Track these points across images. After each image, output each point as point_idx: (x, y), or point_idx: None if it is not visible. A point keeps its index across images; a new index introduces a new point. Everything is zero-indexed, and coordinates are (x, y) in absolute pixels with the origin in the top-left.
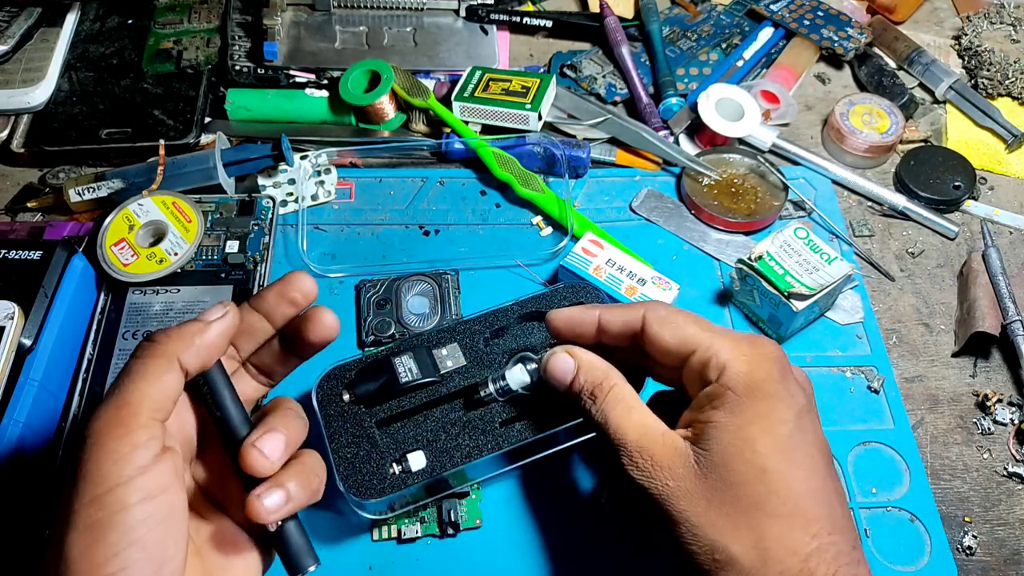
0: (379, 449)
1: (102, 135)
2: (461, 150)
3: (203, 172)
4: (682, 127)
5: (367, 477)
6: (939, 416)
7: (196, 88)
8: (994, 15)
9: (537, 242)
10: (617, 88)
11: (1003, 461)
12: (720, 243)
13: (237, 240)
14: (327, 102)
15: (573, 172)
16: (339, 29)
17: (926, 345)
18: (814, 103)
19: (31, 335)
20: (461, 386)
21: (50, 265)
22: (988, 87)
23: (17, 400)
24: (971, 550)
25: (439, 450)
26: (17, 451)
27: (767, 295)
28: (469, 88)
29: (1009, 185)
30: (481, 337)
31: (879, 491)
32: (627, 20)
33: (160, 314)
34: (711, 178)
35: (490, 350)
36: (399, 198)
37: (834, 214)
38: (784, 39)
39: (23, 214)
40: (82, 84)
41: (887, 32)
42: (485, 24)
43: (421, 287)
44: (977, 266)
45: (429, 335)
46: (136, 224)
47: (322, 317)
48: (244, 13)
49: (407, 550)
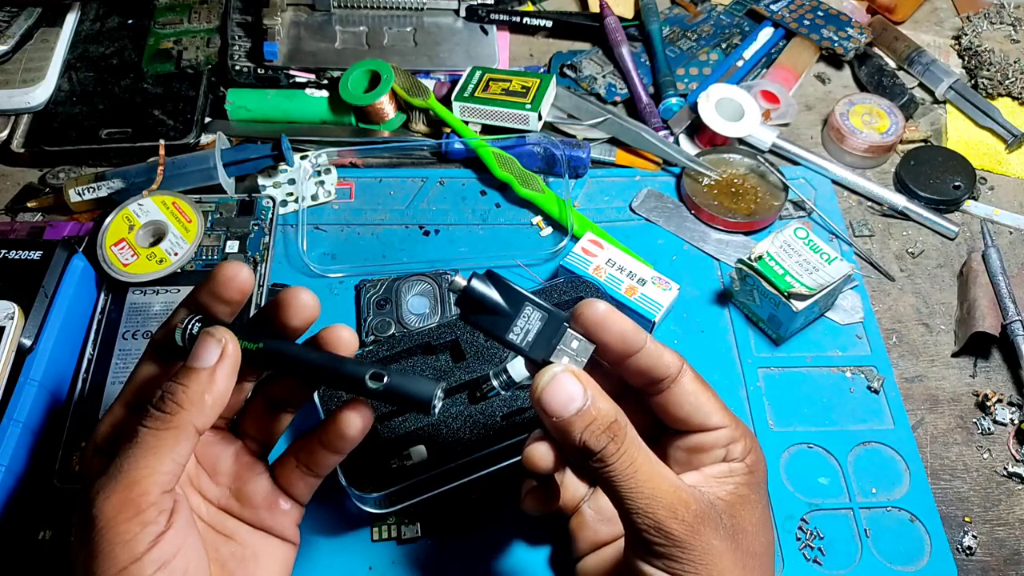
0: (380, 443)
1: (102, 135)
2: (461, 150)
3: (203, 172)
4: (682, 127)
5: (369, 471)
6: (939, 416)
7: (196, 88)
8: (994, 15)
9: (537, 242)
10: (617, 88)
11: (1003, 461)
12: (720, 243)
13: (237, 240)
14: (327, 102)
15: (573, 172)
16: (339, 29)
17: (926, 345)
18: (814, 103)
19: (31, 335)
20: (463, 380)
21: (50, 265)
22: (988, 87)
23: (17, 400)
24: (971, 550)
25: (440, 444)
26: (17, 451)
27: (767, 295)
28: (469, 88)
29: (1009, 185)
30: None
31: (879, 491)
32: (627, 20)
33: (160, 314)
34: (711, 178)
35: (491, 345)
36: (399, 198)
37: (834, 214)
38: (784, 39)
39: (23, 214)
40: (82, 84)
41: (887, 32)
42: (485, 24)
43: (421, 287)
44: (977, 266)
45: (429, 333)
46: (136, 224)
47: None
48: (244, 13)
49: (407, 550)
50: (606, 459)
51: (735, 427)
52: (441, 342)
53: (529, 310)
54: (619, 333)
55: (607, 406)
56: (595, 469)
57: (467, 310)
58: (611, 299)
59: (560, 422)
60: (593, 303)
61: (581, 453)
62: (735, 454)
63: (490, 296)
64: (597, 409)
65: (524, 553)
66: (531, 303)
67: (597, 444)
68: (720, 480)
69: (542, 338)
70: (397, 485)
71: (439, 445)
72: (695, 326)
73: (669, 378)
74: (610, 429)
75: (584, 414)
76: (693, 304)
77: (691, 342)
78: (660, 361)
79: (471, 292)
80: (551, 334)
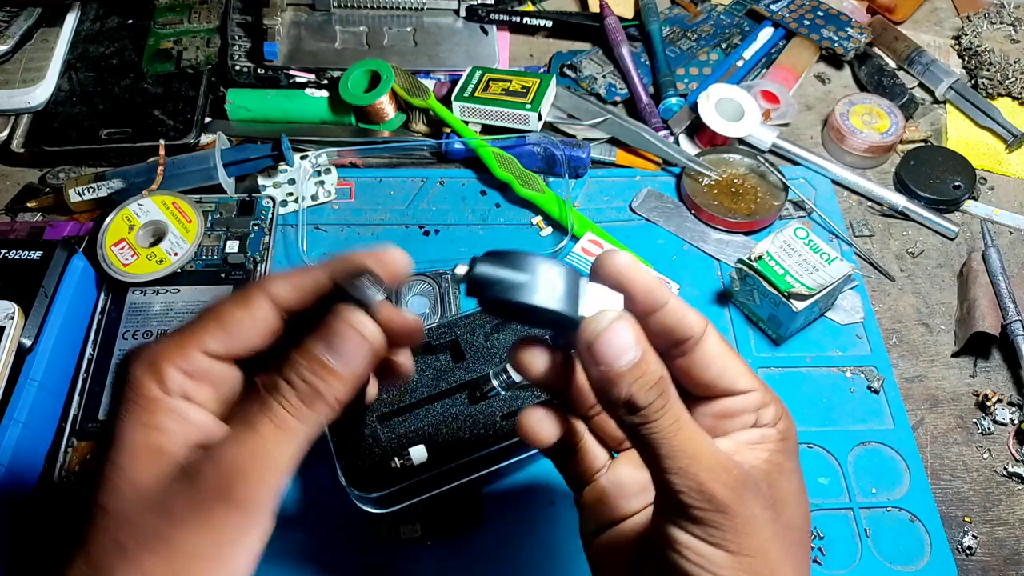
0: (381, 443)
1: (102, 135)
2: (461, 150)
3: (203, 172)
4: (682, 127)
5: (369, 471)
6: (939, 416)
7: (196, 88)
8: (994, 15)
9: (537, 242)
10: (617, 88)
11: (1003, 461)
12: (720, 243)
13: (237, 240)
14: (327, 102)
15: (573, 172)
16: (339, 29)
17: (926, 345)
18: (814, 103)
19: (31, 335)
20: (463, 380)
21: (50, 265)
22: (988, 87)
23: (17, 400)
24: (971, 550)
25: (440, 444)
26: (17, 451)
27: (767, 295)
28: (469, 88)
29: (1009, 185)
30: (481, 332)
31: (879, 491)
32: (627, 20)
33: (160, 314)
34: (711, 178)
35: (490, 344)
36: (399, 198)
37: (834, 214)
38: (784, 39)
39: (23, 214)
40: (82, 84)
41: (887, 32)
42: (485, 24)
43: (421, 287)
44: (977, 266)
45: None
46: (136, 224)
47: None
48: (244, 13)
49: (407, 550)
50: (651, 415)
51: (764, 391)
52: (441, 342)
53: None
54: (643, 285)
55: (656, 360)
56: (635, 425)
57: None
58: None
59: (609, 371)
60: (615, 253)
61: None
62: (766, 419)
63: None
64: (648, 362)
65: (524, 553)
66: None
67: (646, 399)
68: (753, 447)
69: (571, 295)
70: (397, 485)
71: (439, 445)
72: None
73: (693, 339)
74: (659, 384)
75: (637, 366)
76: (693, 304)
77: None
78: (684, 320)
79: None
80: (575, 291)
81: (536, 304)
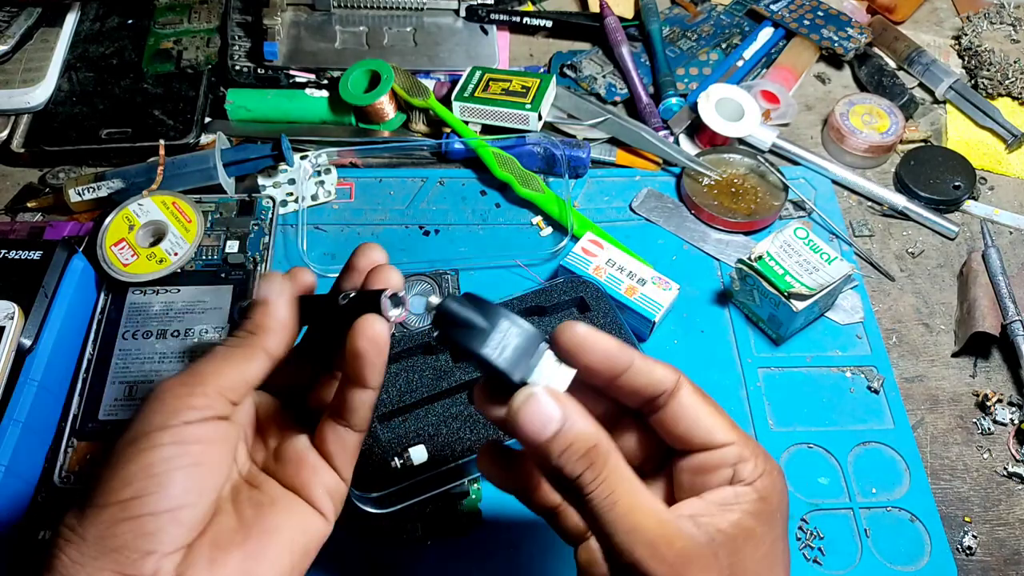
0: (381, 443)
1: (102, 135)
2: (461, 150)
3: (203, 172)
4: (682, 127)
5: (369, 471)
6: (939, 416)
7: (196, 88)
8: (994, 15)
9: (537, 242)
10: (617, 88)
11: (1003, 461)
12: (720, 243)
13: (237, 240)
14: (327, 102)
15: (573, 172)
16: (339, 29)
17: (926, 345)
18: (814, 103)
19: (31, 335)
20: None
21: (50, 265)
22: (988, 87)
23: (17, 400)
24: (971, 550)
25: (441, 444)
26: (17, 451)
27: (767, 295)
28: (469, 88)
29: (1009, 185)
30: None
31: (879, 491)
32: (627, 20)
33: (160, 314)
34: (711, 178)
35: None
36: (399, 198)
37: (834, 214)
38: (784, 39)
39: (23, 214)
40: (82, 84)
41: (887, 32)
42: (485, 24)
43: (421, 287)
44: (977, 266)
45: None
46: (136, 224)
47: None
48: (244, 13)
49: (407, 550)
50: (583, 487)
51: (744, 444)
52: None
53: (506, 324)
54: (602, 354)
55: (587, 429)
56: (574, 497)
57: (441, 328)
58: (611, 299)
59: (536, 445)
60: (571, 325)
61: (554, 479)
62: (743, 475)
63: (464, 312)
64: (575, 432)
65: (524, 553)
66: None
67: (573, 470)
68: (723, 508)
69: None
70: (397, 485)
71: (439, 445)
72: (695, 326)
73: (665, 393)
74: (588, 455)
75: (561, 437)
76: (693, 304)
77: (691, 342)
78: (652, 377)
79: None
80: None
81: (480, 353)
